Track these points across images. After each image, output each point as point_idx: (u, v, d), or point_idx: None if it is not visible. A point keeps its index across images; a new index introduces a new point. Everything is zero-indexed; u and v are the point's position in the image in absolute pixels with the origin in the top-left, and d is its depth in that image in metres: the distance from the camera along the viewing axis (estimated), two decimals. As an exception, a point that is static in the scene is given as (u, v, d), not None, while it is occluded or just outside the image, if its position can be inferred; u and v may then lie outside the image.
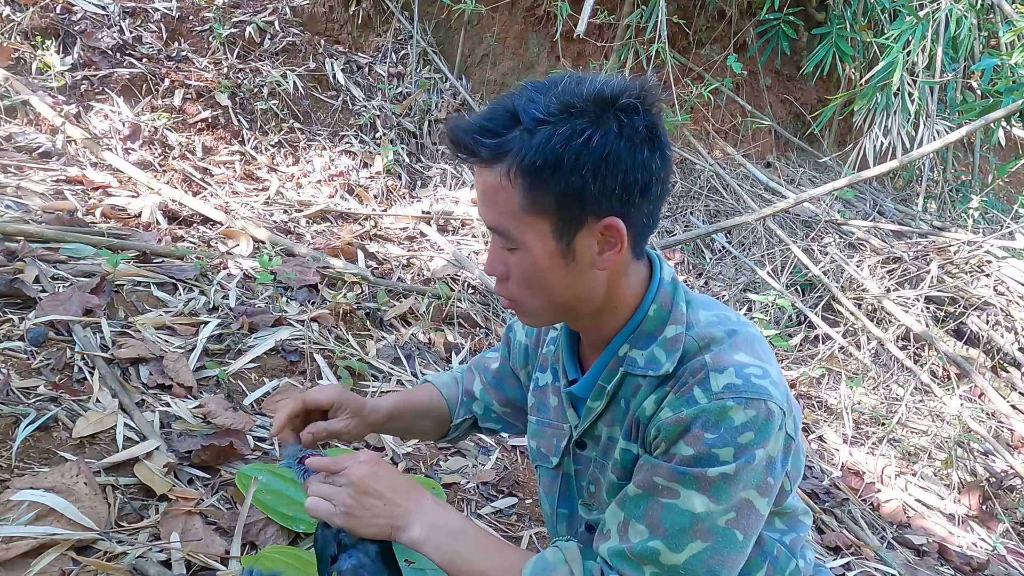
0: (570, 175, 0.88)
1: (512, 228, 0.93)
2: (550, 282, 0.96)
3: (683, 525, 0.91)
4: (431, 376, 1.44)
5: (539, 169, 0.88)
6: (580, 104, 0.88)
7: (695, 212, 4.60)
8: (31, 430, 1.45)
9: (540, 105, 0.89)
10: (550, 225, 0.92)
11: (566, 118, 0.88)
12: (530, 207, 0.91)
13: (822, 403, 3.19)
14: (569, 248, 0.93)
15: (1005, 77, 4.25)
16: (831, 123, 5.56)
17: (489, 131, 0.91)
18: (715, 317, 1.01)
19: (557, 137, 0.87)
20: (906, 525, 2.50)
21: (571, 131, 0.87)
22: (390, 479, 1.02)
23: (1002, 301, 3.66)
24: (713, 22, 5.27)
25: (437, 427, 1.38)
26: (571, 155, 0.87)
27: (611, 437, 1.06)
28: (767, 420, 0.91)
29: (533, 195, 0.90)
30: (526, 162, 0.88)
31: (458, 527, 1.00)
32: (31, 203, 2.54)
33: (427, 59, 4.95)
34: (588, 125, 0.88)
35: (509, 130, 0.90)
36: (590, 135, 0.87)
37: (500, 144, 0.90)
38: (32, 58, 3.41)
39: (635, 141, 0.89)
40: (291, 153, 3.92)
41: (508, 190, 0.91)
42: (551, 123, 0.88)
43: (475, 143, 0.91)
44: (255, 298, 2.32)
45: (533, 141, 0.88)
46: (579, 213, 0.91)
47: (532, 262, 0.95)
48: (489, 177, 0.92)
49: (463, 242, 3.53)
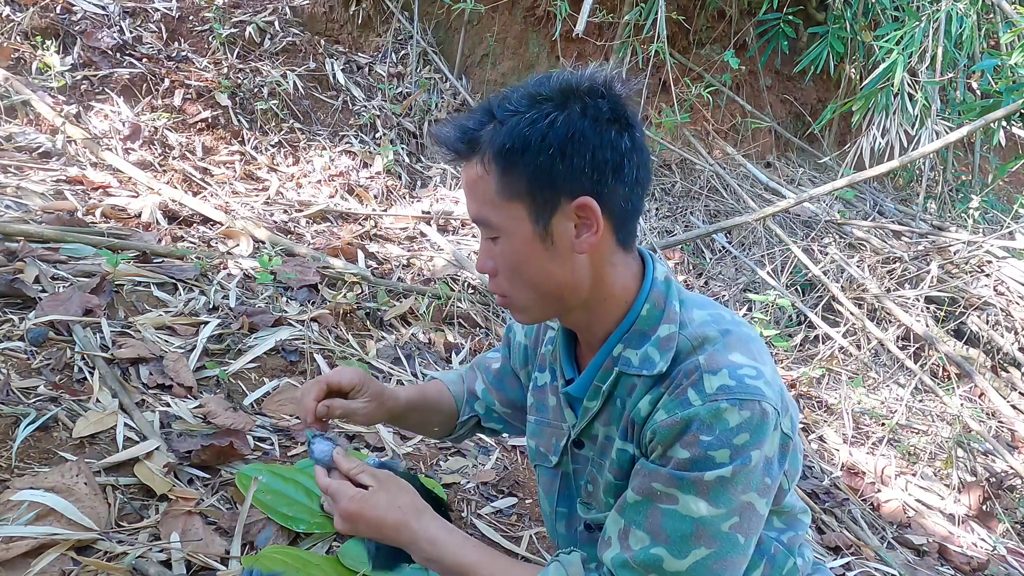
0: (537, 155, 0.92)
1: (492, 216, 0.97)
2: (533, 268, 0.98)
3: (685, 531, 0.91)
4: (438, 373, 1.45)
5: (509, 152, 0.93)
6: (547, 93, 0.94)
7: (695, 212, 4.60)
8: (31, 430, 1.45)
9: (512, 100, 0.95)
10: (526, 208, 0.95)
11: (533, 106, 0.94)
12: (505, 192, 0.95)
13: (822, 403, 3.19)
14: (547, 231, 0.96)
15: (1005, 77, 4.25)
16: (831, 123, 5.56)
17: (468, 128, 0.97)
18: (709, 316, 1.01)
19: (524, 122, 0.93)
20: (906, 525, 2.50)
21: (537, 115, 0.93)
22: (376, 522, 1.02)
23: (1002, 301, 3.66)
24: (713, 22, 5.27)
25: (445, 423, 1.39)
26: (537, 136, 0.92)
27: (608, 437, 1.06)
28: (762, 421, 0.91)
29: (507, 180, 0.94)
30: (496, 147, 0.94)
31: (452, 561, 1.00)
32: (31, 203, 2.54)
33: (427, 59, 4.95)
34: (553, 109, 0.93)
35: (484, 125, 0.96)
36: (555, 117, 0.92)
37: (476, 137, 0.96)
38: (32, 58, 3.41)
39: (600, 121, 0.93)
40: (291, 153, 3.92)
41: (485, 178, 0.96)
42: (520, 112, 0.94)
43: (454, 139, 0.97)
44: (255, 298, 2.32)
45: (503, 129, 0.94)
46: (552, 195, 0.94)
47: (514, 249, 0.98)
48: (470, 170, 0.98)
49: (463, 242, 3.53)
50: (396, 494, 1.03)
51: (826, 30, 5.10)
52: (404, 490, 1.05)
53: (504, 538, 1.71)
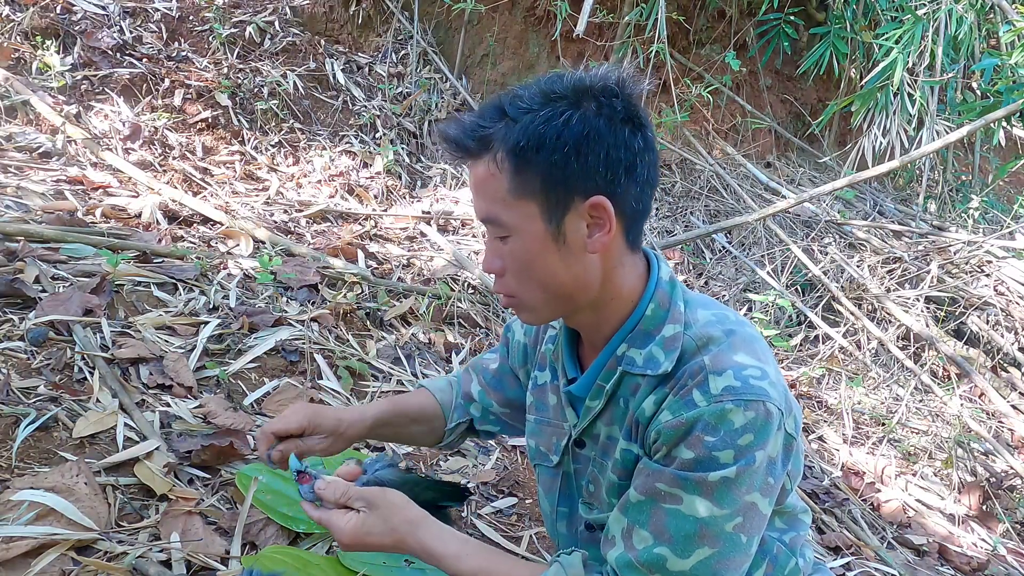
0: (552, 154, 0.91)
1: (503, 214, 0.96)
2: (544, 268, 0.97)
3: (688, 531, 0.91)
4: (426, 381, 1.44)
5: (523, 150, 0.92)
6: (560, 91, 0.93)
7: (695, 212, 4.60)
8: (31, 430, 1.45)
9: (524, 98, 0.94)
10: (538, 207, 0.94)
11: (547, 104, 0.92)
12: (518, 191, 0.94)
13: (822, 403, 3.19)
14: (559, 230, 0.95)
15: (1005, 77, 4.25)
16: (831, 123, 5.56)
17: (478, 126, 0.95)
18: (713, 316, 1.01)
19: (538, 120, 0.91)
20: (906, 525, 2.50)
21: (552, 113, 0.92)
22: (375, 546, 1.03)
23: (1002, 301, 3.66)
24: (713, 22, 5.27)
25: (431, 432, 1.37)
26: (552, 134, 0.91)
27: (610, 437, 1.06)
28: (766, 421, 0.91)
29: (520, 178, 0.93)
30: (510, 145, 0.92)
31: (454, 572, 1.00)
32: (31, 203, 2.54)
33: (427, 59, 4.95)
34: (567, 107, 0.92)
35: (496, 123, 0.94)
36: (570, 116, 0.91)
37: (487, 135, 0.94)
38: (32, 58, 3.41)
39: (614, 120, 0.93)
40: (291, 153, 3.92)
41: (496, 176, 0.94)
42: (534, 111, 0.92)
43: (464, 137, 0.96)
44: (255, 298, 2.32)
45: (516, 127, 0.92)
46: (565, 193, 0.93)
47: (525, 249, 0.96)
48: (479, 168, 0.96)
49: (463, 242, 3.53)
50: (388, 514, 1.02)
51: (827, 30, 5.10)
52: (395, 507, 1.03)
53: (504, 538, 1.71)
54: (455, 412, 1.37)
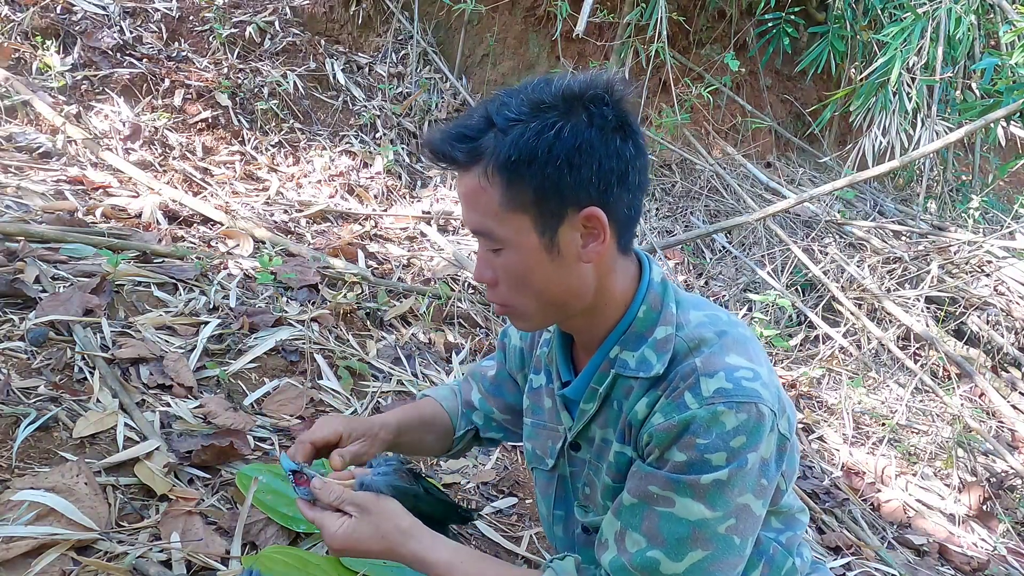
0: (545, 167, 0.89)
1: (495, 228, 0.94)
2: (538, 279, 0.96)
3: (681, 534, 0.91)
4: (429, 391, 1.44)
5: (515, 164, 0.90)
6: (550, 100, 0.91)
7: (695, 212, 4.60)
8: (31, 430, 1.45)
9: (512, 107, 0.91)
10: (531, 220, 0.93)
11: (536, 115, 0.90)
12: (510, 204, 0.92)
13: (822, 403, 3.19)
14: (553, 242, 0.94)
15: (1005, 77, 4.25)
16: (831, 123, 5.56)
17: (465, 136, 0.93)
18: (705, 317, 1.01)
19: (529, 132, 0.89)
20: (906, 525, 2.50)
21: (542, 125, 0.89)
22: (363, 552, 1.02)
23: (1002, 301, 3.66)
24: (713, 22, 5.27)
25: (441, 440, 1.37)
26: (544, 147, 0.89)
27: (605, 439, 1.06)
28: (758, 423, 0.91)
29: (512, 192, 0.91)
30: (501, 159, 0.90)
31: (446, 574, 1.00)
32: (31, 203, 2.54)
33: (427, 59, 4.95)
34: (558, 118, 0.90)
35: (484, 133, 0.92)
36: (561, 127, 0.89)
37: (476, 147, 0.92)
38: (32, 58, 3.41)
39: (606, 130, 0.91)
40: (291, 153, 3.92)
41: (487, 190, 0.92)
42: (523, 121, 0.90)
43: (452, 149, 0.93)
44: (255, 298, 2.32)
45: (507, 139, 0.90)
46: (558, 205, 0.92)
47: (518, 260, 0.95)
48: (469, 180, 0.94)
49: (463, 242, 3.53)
50: (379, 521, 1.02)
51: (827, 30, 5.10)
52: (388, 514, 1.03)
53: (504, 538, 1.71)
54: (461, 420, 1.37)
